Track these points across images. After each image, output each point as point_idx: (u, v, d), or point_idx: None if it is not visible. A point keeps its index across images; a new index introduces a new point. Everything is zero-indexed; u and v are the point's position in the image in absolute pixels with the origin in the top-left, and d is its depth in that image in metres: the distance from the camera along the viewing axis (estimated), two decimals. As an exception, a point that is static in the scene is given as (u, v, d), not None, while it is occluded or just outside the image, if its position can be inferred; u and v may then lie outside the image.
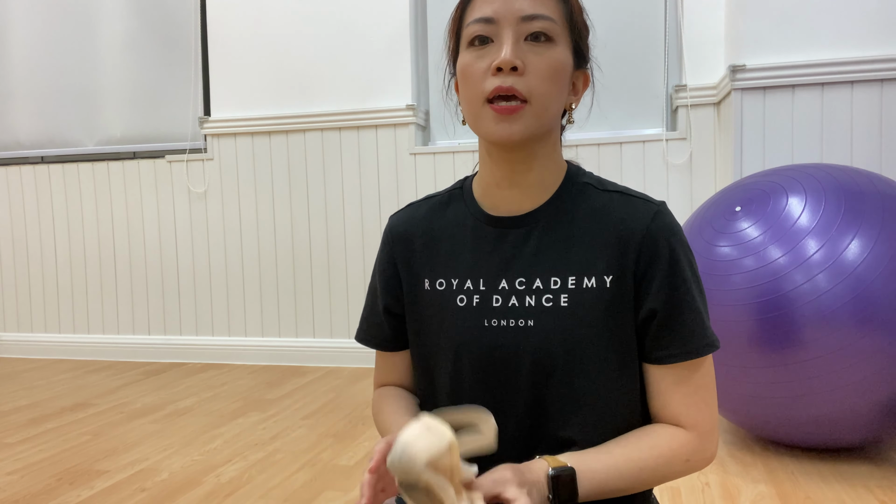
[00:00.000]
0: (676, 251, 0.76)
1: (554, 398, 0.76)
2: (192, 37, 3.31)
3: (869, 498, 1.59)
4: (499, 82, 0.72)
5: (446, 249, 0.84)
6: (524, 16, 0.73)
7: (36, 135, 3.56)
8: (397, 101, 3.06)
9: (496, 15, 0.73)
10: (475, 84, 0.75)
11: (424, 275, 0.84)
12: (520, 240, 0.80)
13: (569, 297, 0.76)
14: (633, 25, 2.88)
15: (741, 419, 1.89)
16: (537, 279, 0.77)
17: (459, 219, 0.85)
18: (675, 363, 0.76)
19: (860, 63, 2.27)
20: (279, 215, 3.23)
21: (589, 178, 0.83)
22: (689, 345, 0.75)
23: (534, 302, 0.77)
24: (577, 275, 0.76)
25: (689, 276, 0.76)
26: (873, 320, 1.58)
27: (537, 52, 0.73)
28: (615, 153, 2.86)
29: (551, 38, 0.74)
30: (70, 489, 1.79)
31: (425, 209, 0.88)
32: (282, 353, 3.25)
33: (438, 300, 0.82)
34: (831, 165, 1.86)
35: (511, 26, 0.73)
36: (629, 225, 0.76)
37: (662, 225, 0.76)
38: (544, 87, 0.73)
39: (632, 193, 0.80)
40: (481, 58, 0.74)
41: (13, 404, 2.66)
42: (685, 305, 0.75)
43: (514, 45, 0.72)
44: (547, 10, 0.74)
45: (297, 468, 1.91)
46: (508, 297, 0.78)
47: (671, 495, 1.66)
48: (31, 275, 3.59)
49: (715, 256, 1.78)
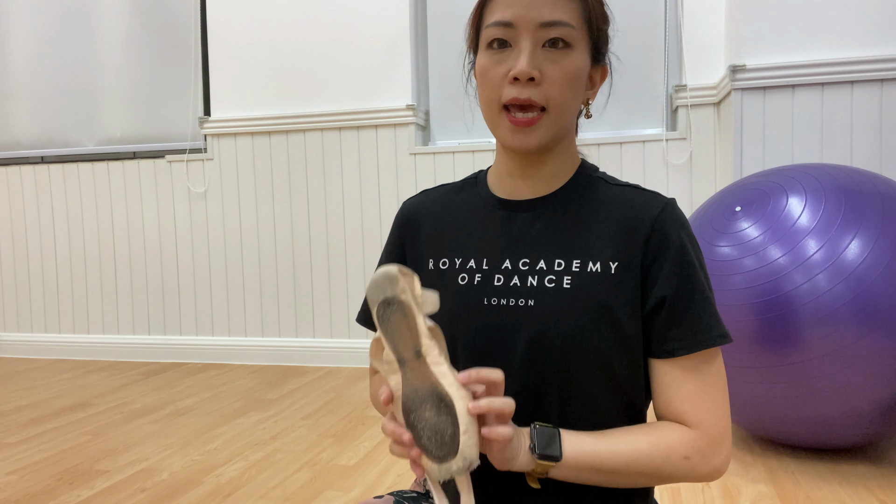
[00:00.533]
0: (685, 242, 0.76)
1: (549, 382, 0.75)
2: (192, 37, 3.31)
3: (869, 498, 1.59)
4: (515, 93, 0.73)
5: (454, 231, 0.84)
6: (543, 22, 0.73)
7: (36, 135, 3.56)
8: (397, 101, 3.06)
9: (515, 20, 0.74)
10: (492, 89, 0.75)
11: (430, 255, 0.84)
12: (527, 222, 0.80)
13: (572, 280, 0.75)
14: (633, 25, 2.88)
15: (741, 419, 1.89)
16: (541, 260, 0.77)
17: (470, 203, 0.86)
18: (684, 355, 0.74)
19: (860, 63, 2.27)
20: (279, 215, 3.23)
21: (602, 174, 0.84)
22: (699, 335, 0.73)
23: (536, 282, 0.77)
24: (581, 258, 0.76)
25: (698, 266, 0.76)
26: (873, 320, 1.58)
27: (554, 60, 0.74)
28: (615, 153, 2.86)
29: (569, 44, 0.74)
30: (70, 489, 1.79)
31: (438, 195, 0.90)
32: (282, 353, 3.25)
33: (440, 279, 0.82)
34: (831, 165, 1.86)
35: (529, 32, 0.73)
36: (638, 214, 0.77)
37: (672, 216, 0.76)
38: (561, 95, 0.74)
39: (643, 189, 0.81)
40: (499, 63, 0.75)
41: (13, 404, 2.66)
42: (696, 293, 0.74)
43: (531, 53, 0.73)
44: (566, 15, 0.74)
45: (297, 468, 1.91)
46: (511, 276, 0.78)
47: (671, 495, 1.66)
48: (31, 275, 3.59)
49: (715, 256, 1.78)
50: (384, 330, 0.67)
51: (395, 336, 0.67)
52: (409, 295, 0.66)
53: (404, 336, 0.66)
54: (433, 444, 0.65)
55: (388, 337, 0.67)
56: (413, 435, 0.66)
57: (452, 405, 0.64)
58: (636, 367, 0.77)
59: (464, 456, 0.64)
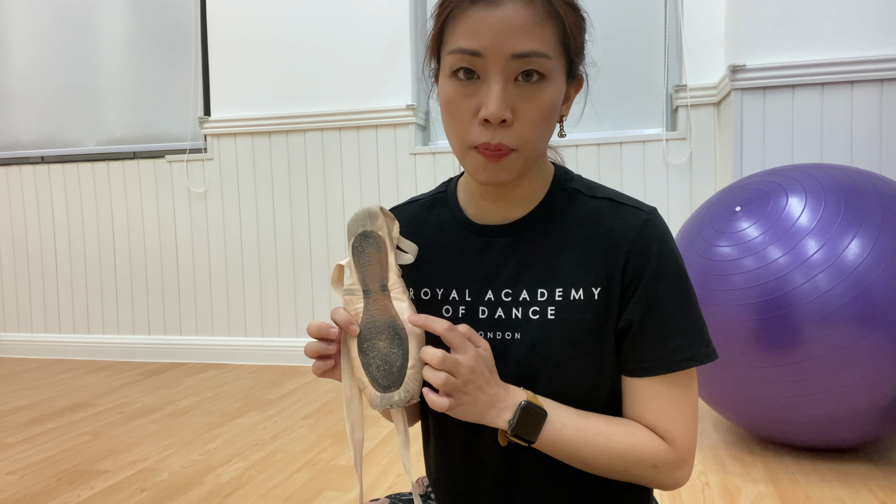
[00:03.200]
0: (664, 261, 0.73)
1: None
2: (192, 37, 3.31)
3: (869, 498, 1.59)
4: (487, 137, 0.67)
5: (431, 257, 0.81)
6: (515, 53, 0.66)
7: (36, 135, 3.56)
8: (397, 101, 3.06)
9: (483, 50, 0.66)
10: (460, 126, 0.70)
11: (409, 283, 0.81)
12: (506, 249, 0.77)
13: (556, 310, 0.74)
14: (633, 25, 2.88)
15: (741, 419, 1.89)
16: (524, 290, 0.75)
17: (443, 226, 0.82)
18: (647, 377, 0.73)
19: (860, 63, 2.27)
20: (279, 215, 3.23)
21: (577, 183, 0.80)
22: (665, 358, 0.72)
23: (520, 314, 0.75)
24: (564, 286, 0.74)
25: (672, 288, 0.73)
26: (873, 320, 1.58)
27: (527, 97, 0.68)
28: (615, 153, 2.86)
29: (543, 76, 0.68)
30: (70, 489, 1.79)
31: (408, 215, 0.85)
32: (282, 353, 3.25)
33: (424, 310, 0.79)
34: (831, 165, 1.86)
35: (500, 65, 0.66)
36: (618, 235, 0.74)
37: (651, 234, 0.74)
38: (534, 133, 0.69)
39: (621, 200, 0.77)
40: (466, 97, 0.68)
41: (13, 404, 2.66)
42: (665, 318, 0.72)
43: (502, 93, 0.66)
44: (540, 44, 0.66)
45: (297, 468, 1.91)
46: (494, 308, 0.77)
47: (671, 495, 1.66)
48: (31, 275, 3.59)
49: (715, 256, 1.78)
50: (357, 261, 0.72)
51: (366, 268, 0.72)
52: (386, 232, 0.72)
53: (374, 269, 0.71)
54: (380, 373, 0.70)
55: (359, 268, 0.72)
56: (362, 361, 0.71)
57: (406, 339, 0.70)
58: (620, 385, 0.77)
59: (407, 388, 0.69)
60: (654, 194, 2.82)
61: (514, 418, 0.69)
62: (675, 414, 0.73)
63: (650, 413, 0.74)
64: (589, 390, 0.75)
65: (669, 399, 0.74)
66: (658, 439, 0.74)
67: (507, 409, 0.70)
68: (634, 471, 0.74)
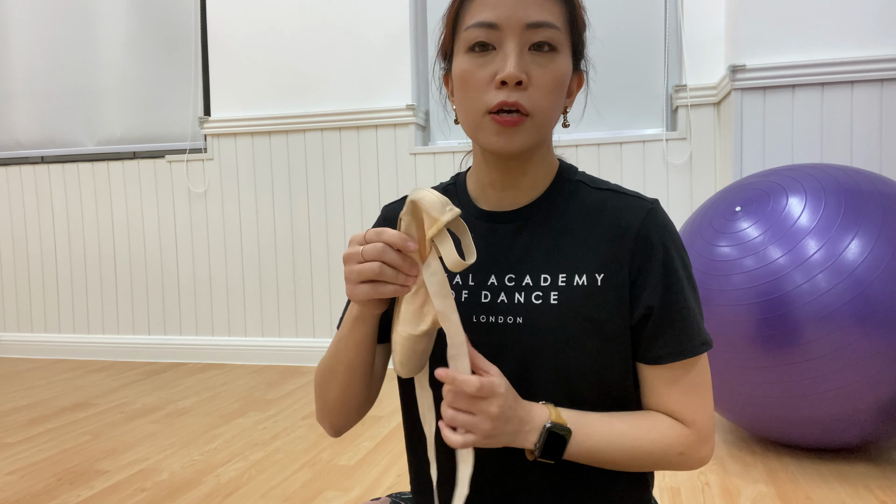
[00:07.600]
0: (670, 249, 0.75)
1: (541, 397, 0.75)
2: (192, 37, 3.31)
3: (869, 498, 1.59)
4: (503, 97, 0.70)
5: None
6: (529, 23, 0.70)
7: (36, 135, 3.56)
8: (397, 101, 3.06)
9: (499, 21, 0.70)
10: (476, 94, 0.72)
11: None
12: (510, 235, 0.79)
13: (559, 296, 0.75)
14: (633, 25, 2.88)
15: (741, 419, 1.89)
16: (527, 276, 0.77)
17: None
18: (670, 363, 0.75)
19: (860, 63, 2.27)
20: (279, 215, 3.23)
21: (581, 176, 0.82)
22: (684, 344, 0.74)
23: (523, 299, 0.76)
24: (567, 272, 0.75)
25: (682, 275, 0.75)
26: (873, 320, 1.58)
27: (541, 64, 0.71)
28: (615, 153, 2.86)
29: (555, 48, 0.72)
30: (70, 489, 1.79)
31: None
32: (282, 353, 3.25)
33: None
34: (831, 165, 1.86)
35: (515, 34, 0.70)
36: (622, 223, 0.76)
37: (656, 223, 0.76)
38: (547, 100, 0.72)
39: (624, 191, 0.79)
40: (483, 66, 0.72)
41: (13, 404, 2.66)
42: (680, 304, 0.75)
43: (518, 57, 0.70)
44: (552, 17, 0.71)
45: (297, 468, 1.91)
46: (497, 293, 0.77)
47: (671, 495, 1.66)
48: (31, 275, 3.59)
49: (715, 256, 1.78)
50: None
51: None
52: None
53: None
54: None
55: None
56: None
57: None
58: (626, 371, 0.77)
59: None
60: (654, 194, 2.81)
61: (539, 440, 0.70)
62: (695, 397, 0.76)
63: (671, 399, 0.76)
64: (593, 375, 0.75)
65: (689, 383, 0.76)
66: (680, 427, 0.75)
67: (533, 431, 0.70)
68: (663, 462, 0.76)
